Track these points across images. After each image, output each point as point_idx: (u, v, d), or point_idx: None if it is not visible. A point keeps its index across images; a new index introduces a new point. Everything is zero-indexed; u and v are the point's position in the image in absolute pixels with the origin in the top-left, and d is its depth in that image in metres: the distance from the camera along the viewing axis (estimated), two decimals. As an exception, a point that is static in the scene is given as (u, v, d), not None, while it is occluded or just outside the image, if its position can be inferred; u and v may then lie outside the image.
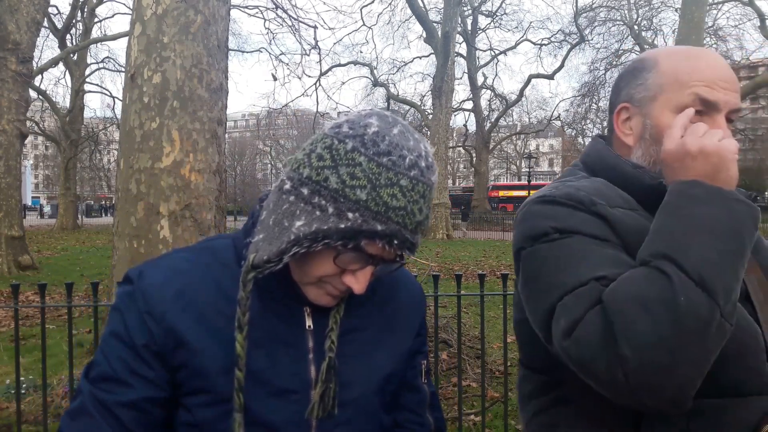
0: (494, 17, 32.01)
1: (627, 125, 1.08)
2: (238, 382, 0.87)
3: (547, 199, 0.99)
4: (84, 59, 26.38)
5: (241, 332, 0.87)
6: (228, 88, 4.56)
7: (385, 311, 1.03)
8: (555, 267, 0.92)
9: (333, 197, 0.80)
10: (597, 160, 1.10)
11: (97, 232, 25.48)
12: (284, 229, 0.83)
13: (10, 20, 10.00)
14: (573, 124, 35.99)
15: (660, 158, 0.97)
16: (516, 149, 54.22)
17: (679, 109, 0.99)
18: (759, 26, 21.24)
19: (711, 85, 0.98)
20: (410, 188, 0.82)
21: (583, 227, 0.94)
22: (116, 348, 0.90)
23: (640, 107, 1.05)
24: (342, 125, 0.85)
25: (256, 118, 54.51)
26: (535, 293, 0.95)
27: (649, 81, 1.04)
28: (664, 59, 1.04)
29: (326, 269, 0.86)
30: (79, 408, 0.89)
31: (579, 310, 0.86)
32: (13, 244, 10.75)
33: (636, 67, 1.08)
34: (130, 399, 0.88)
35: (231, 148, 47.14)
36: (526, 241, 0.98)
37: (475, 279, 7.91)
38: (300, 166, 0.85)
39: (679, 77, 1.00)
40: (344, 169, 0.81)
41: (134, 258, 4.06)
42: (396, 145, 0.82)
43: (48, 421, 2.99)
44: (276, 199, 0.87)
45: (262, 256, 0.84)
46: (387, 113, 0.88)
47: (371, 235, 0.81)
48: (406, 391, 1.09)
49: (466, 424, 3.60)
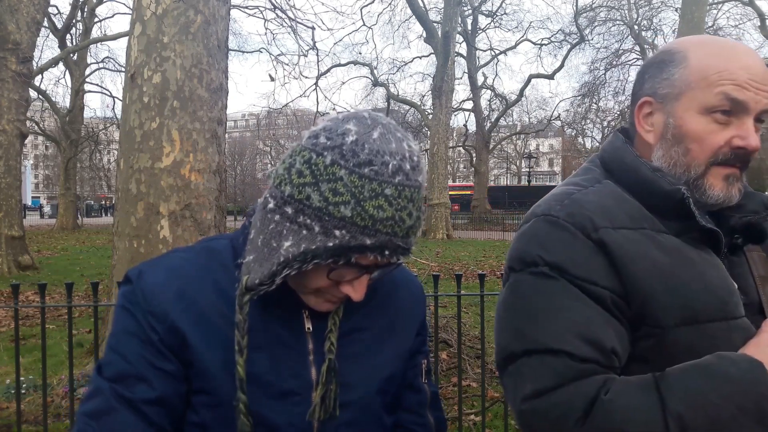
0: (494, 17, 31.99)
1: (649, 121, 1.01)
2: (244, 406, 0.86)
3: (550, 219, 0.95)
4: (84, 59, 26.38)
5: (242, 356, 0.86)
6: (228, 88, 4.57)
7: (386, 311, 1.03)
8: (528, 312, 0.92)
9: (317, 216, 0.79)
10: (615, 159, 1.04)
11: (97, 232, 25.48)
12: (273, 249, 0.82)
13: (10, 20, 10.00)
14: (573, 124, 36.00)
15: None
16: (516, 149, 54.19)
17: (706, 109, 0.93)
18: (759, 26, 21.23)
19: (742, 84, 0.91)
20: (396, 196, 0.79)
21: (572, 266, 0.90)
22: (132, 344, 0.88)
23: (663, 104, 0.98)
24: (319, 135, 0.82)
25: (256, 118, 54.51)
26: (503, 325, 0.95)
27: (676, 77, 0.96)
28: (694, 55, 0.96)
29: (321, 283, 0.86)
30: (102, 407, 0.86)
31: (546, 381, 0.86)
32: (13, 244, 10.75)
33: (664, 59, 0.99)
34: (154, 395, 0.87)
35: (231, 148, 47.09)
36: (517, 262, 0.96)
37: (475, 279, 7.90)
38: (281, 183, 0.83)
39: (708, 75, 0.93)
40: (325, 185, 0.79)
41: (134, 258, 4.06)
42: (377, 151, 0.79)
43: (48, 421, 2.98)
44: (262, 218, 0.85)
45: (254, 279, 0.84)
46: (365, 115, 0.85)
47: (361, 250, 0.79)
48: (407, 391, 1.08)
49: (466, 424, 3.60)
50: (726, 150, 0.94)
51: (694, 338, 0.87)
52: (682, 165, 0.97)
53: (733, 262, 0.98)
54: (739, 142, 0.93)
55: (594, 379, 0.85)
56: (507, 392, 0.94)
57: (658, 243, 0.92)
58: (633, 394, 0.83)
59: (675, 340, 0.88)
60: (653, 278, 0.89)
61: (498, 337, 0.97)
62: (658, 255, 0.91)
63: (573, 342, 0.86)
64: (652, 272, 0.89)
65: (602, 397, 0.83)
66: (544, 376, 0.87)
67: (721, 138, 0.94)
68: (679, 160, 0.97)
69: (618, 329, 0.89)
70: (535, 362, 0.88)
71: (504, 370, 0.94)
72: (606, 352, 0.87)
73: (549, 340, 0.88)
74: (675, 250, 0.92)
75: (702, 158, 0.95)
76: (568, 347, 0.86)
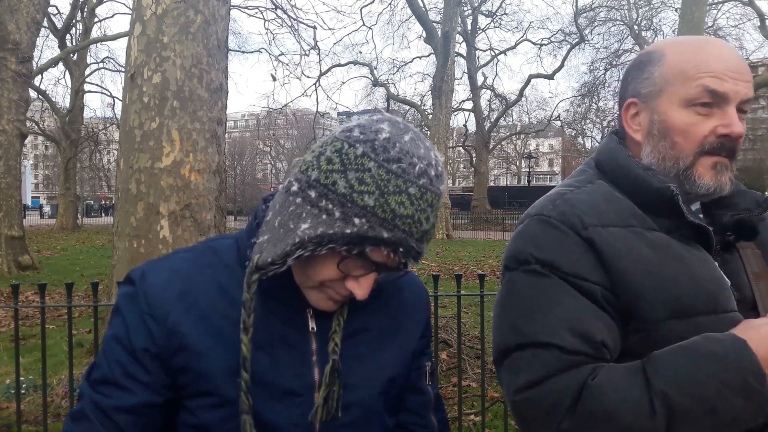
0: (494, 17, 31.98)
1: (636, 120, 1.05)
2: (245, 384, 0.86)
3: (542, 219, 0.99)
4: (84, 59, 26.38)
5: (247, 334, 0.86)
6: (228, 88, 4.57)
7: (390, 312, 1.03)
8: (521, 308, 0.95)
9: (340, 201, 0.80)
10: (609, 160, 1.07)
11: (97, 232, 25.48)
12: (289, 231, 0.82)
13: (10, 20, 9.99)
14: (573, 124, 36.00)
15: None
16: (516, 149, 54.19)
17: (687, 102, 0.97)
18: (759, 26, 21.23)
19: (719, 75, 0.95)
20: (419, 196, 0.81)
21: (563, 263, 0.94)
22: (115, 351, 0.90)
23: (647, 102, 1.02)
24: (353, 129, 0.85)
25: (256, 118, 54.54)
26: (499, 323, 0.99)
27: (655, 75, 1.01)
28: (670, 52, 1.01)
29: (329, 274, 0.85)
30: (80, 411, 0.90)
31: (538, 373, 0.89)
32: (13, 244, 10.74)
33: (642, 60, 1.05)
34: (128, 404, 0.88)
35: (231, 148, 47.10)
36: (512, 261, 1.00)
37: (475, 279, 7.90)
38: (308, 168, 0.84)
39: (685, 70, 0.97)
40: (353, 173, 0.80)
41: (134, 258, 4.06)
42: (407, 152, 0.82)
43: (48, 421, 2.98)
44: (282, 201, 0.86)
45: (266, 258, 0.84)
46: (399, 120, 0.88)
47: (377, 242, 0.80)
48: (410, 392, 1.08)
49: (466, 424, 3.59)
50: (712, 139, 0.97)
51: (682, 332, 0.89)
52: (671, 158, 1.00)
53: (726, 259, 1.01)
54: (723, 130, 0.96)
55: (583, 368, 0.88)
56: (503, 386, 0.97)
57: (646, 240, 0.95)
58: (619, 378, 0.86)
59: (664, 334, 0.90)
60: (641, 274, 0.91)
61: (495, 334, 1.00)
62: (646, 251, 0.93)
63: (563, 335, 0.89)
64: (641, 268, 0.92)
65: (589, 382, 0.86)
66: (535, 367, 0.90)
67: (705, 128, 0.97)
68: (667, 154, 1.00)
69: (608, 323, 0.92)
70: (528, 355, 0.91)
71: (500, 366, 0.97)
72: (596, 344, 0.90)
73: (541, 334, 0.91)
74: (664, 247, 0.94)
75: (689, 149, 0.98)
76: (559, 340, 0.89)
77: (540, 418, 0.89)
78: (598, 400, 0.84)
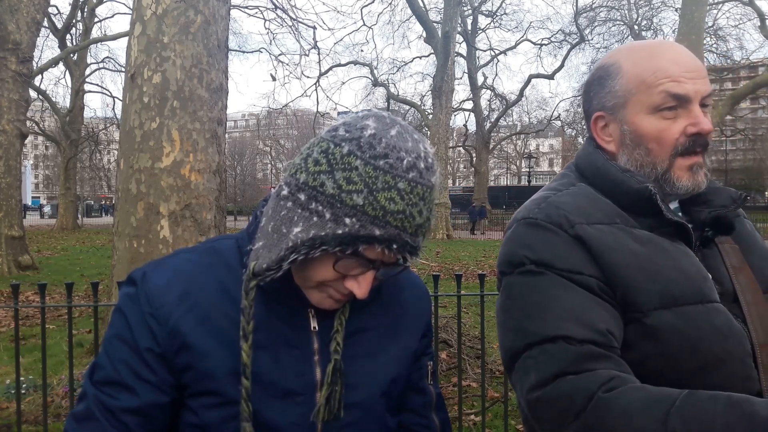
0: (494, 17, 32.02)
1: (606, 132, 1.08)
2: (246, 392, 0.86)
3: (530, 221, 1.01)
4: (84, 59, 26.40)
5: (246, 341, 0.86)
6: (228, 88, 4.56)
7: (391, 312, 1.03)
8: (523, 309, 0.96)
9: (330, 203, 0.79)
10: (587, 163, 1.10)
11: (97, 232, 25.49)
12: (282, 235, 0.82)
13: (10, 20, 10.00)
14: (573, 124, 36.03)
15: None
16: (516, 149, 54.20)
17: (653, 109, 1.00)
18: (759, 26, 21.23)
19: (677, 78, 0.98)
20: (408, 191, 0.80)
21: (557, 260, 0.95)
22: (120, 351, 0.89)
23: (614, 114, 1.05)
24: (338, 128, 0.84)
25: (256, 118, 54.52)
26: (505, 328, 0.99)
27: (617, 88, 1.04)
28: (626, 62, 1.03)
29: (327, 275, 0.85)
30: (85, 412, 0.89)
31: (548, 370, 0.89)
32: (13, 244, 10.75)
33: (601, 75, 1.07)
34: (135, 405, 0.88)
35: (231, 148, 47.14)
36: (506, 265, 1.01)
37: (475, 279, 7.90)
38: (297, 171, 0.84)
39: (645, 78, 1.00)
40: (340, 173, 0.80)
41: (134, 258, 4.06)
42: (393, 147, 0.81)
43: (48, 421, 2.98)
44: (274, 206, 0.86)
45: (262, 264, 0.84)
46: (385, 114, 0.87)
47: (369, 240, 0.80)
48: (411, 392, 1.08)
49: (466, 424, 3.59)
50: (683, 139, 1.00)
51: (673, 320, 0.91)
52: (648, 164, 1.03)
53: (707, 254, 1.03)
54: (693, 129, 0.99)
55: (598, 374, 0.87)
56: (516, 389, 0.97)
57: (633, 235, 0.97)
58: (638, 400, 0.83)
59: (655, 324, 0.92)
60: (632, 266, 0.94)
61: (501, 340, 1.00)
62: (634, 245, 0.96)
63: (569, 326, 0.90)
64: (630, 260, 0.94)
65: (601, 394, 0.84)
66: (545, 364, 0.90)
67: (675, 130, 1.00)
68: (643, 161, 1.03)
69: (610, 311, 0.93)
70: (536, 353, 0.92)
71: (511, 370, 0.97)
72: (601, 331, 0.90)
73: (546, 329, 0.91)
74: (649, 241, 0.97)
75: (664, 153, 1.01)
76: (564, 332, 0.90)
77: (554, 417, 0.88)
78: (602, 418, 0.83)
